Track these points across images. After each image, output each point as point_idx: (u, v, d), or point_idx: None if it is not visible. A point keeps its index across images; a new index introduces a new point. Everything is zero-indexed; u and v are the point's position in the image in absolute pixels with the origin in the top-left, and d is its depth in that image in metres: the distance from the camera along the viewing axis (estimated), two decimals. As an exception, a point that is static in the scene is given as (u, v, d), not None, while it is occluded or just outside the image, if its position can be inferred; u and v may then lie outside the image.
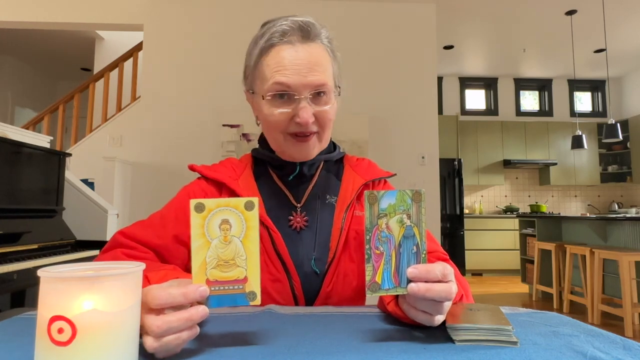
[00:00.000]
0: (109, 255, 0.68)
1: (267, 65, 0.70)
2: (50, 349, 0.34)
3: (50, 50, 6.02)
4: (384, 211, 0.47)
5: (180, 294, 0.42)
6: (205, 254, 0.45)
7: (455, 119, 5.90)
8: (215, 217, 0.45)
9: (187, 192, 0.78)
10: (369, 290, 0.47)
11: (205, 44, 3.90)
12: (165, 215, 0.74)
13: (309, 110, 0.68)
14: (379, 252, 0.47)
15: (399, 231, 0.48)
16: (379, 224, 0.47)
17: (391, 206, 0.48)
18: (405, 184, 3.84)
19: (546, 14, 4.43)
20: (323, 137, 0.74)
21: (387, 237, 0.48)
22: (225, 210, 0.45)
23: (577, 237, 3.93)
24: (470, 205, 6.37)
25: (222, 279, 0.45)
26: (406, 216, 0.48)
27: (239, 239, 0.46)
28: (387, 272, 0.47)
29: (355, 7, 4.00)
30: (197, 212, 0.45)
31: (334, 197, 0.78)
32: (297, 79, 0.67)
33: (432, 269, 0.47)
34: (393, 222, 0.48)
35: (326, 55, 0.72)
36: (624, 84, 6.55)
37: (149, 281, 0.51)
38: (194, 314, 0.42)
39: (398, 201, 0.48)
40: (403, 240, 0.48)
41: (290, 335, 0.49)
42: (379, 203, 0.47)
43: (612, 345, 0.47)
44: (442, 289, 0.46)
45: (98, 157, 3.74)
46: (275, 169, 0.79)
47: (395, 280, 0.47)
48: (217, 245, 0.45)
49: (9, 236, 1.85)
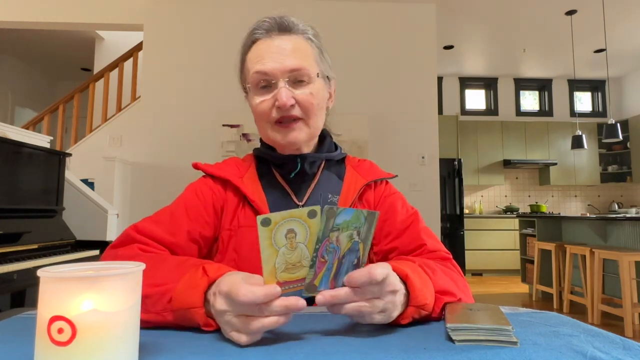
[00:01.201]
0: (125, 251, 0.68)
1: (249, 60, 0.75)
2: (50, 349, 0.34)
3: (50, 50, 6.02)
4: (338, 226, 0.50)
5: (263, 295, 0.45)
6: (274, 260, 0.49)
7: (455, 119, 5.90)
8: (281, 228, 0.48)
9: (194, 189, 0.78)
10: (305, 290, 0.51)
11: (205, 44, 3.90)
12: (175, 212, 0.74)
13: (286, 92, 0.70)
14: (323, 261, 0.50)
15: (345, 244, 0.51)
16: (330, 236, 0.50)
17: (345, 222, 0.50)
18: (406, 184, 3.84)
19: (546, 14, 4.43)
20: (309, 122, 0.74)
21: (334, 249, 0.50)
22: (290, 221, 0.49)
23: (577, 237, 3.93)
24: (470, 205, 6.37)
25: (291, 279, 0.50)
26: (356, 233, 0.51)
27: (304, 244, 0.50)
28: (325, 277, 0.51)
29: (355, 7, 4.00)
30: (263, 226, 0.48)
31: (336, 196, 0.78)
32: (273, 65, 0.70)
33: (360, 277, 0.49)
34: (343, 236, 0.51)
35: (306, 44, 0.74)
36: (624, 84, 6.55)
37: (206, 272, 0.52)
38: (282, 321, 0.46)
39: (353, 219, 0.51)
40: (347, 253, 0.51)
41: (290, 335, 0.49)
42: (336, 218, 0.50)
43: (612, 345, 0.47)
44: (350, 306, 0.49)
45: (98, 157, 3.74)
46: (277, 167, 0.80)
47: (332, 285, 0.51)
48: (285, 252, 0.49)
49: (9, 236, 1.85)
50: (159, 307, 0.52)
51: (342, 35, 3.88)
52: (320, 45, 0.77)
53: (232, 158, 0.84)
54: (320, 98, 0.75)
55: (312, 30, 0.77)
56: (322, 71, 0.76)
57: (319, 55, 0.76)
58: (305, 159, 0.77)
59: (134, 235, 0.70)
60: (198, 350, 0.45)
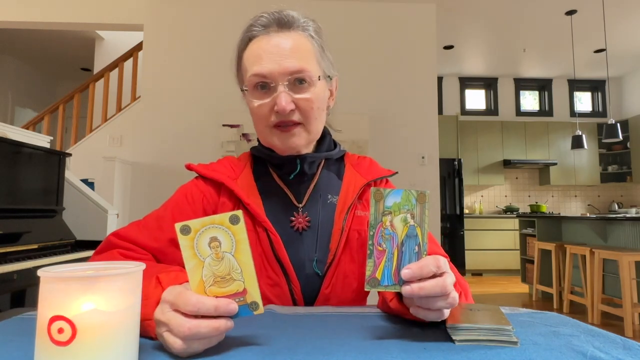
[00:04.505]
0: (105, 257, 0.66)
1: (246, 59, 0.70)
2: (50, 349, 0.34)
3: (50, 50, 6.02)
4: (389, 209, 0.48)
5: (212, 306, 0.42)
6: (200, 273, 0.45)
7: (455, 119, 5.90)
8: (203, 236, 0.45)
9: (184, 192, 0.75)
10: (367, 285, 0.48)
11: (205, 44, 3.90)
12: (161, 217, 0.72)
13: (285, 97, 0.66)
14: (382, 249, 0.47)
15: (402, 230, 0.48)
16: (384, 221, 0.47)
17: (396, 204, 0.48)
18: (406, 184, 3.84)
19: (546, 14, 4.43)
20: (309, 128, 0.71)
21: (391, 235, 0.48)
22: (211, 228, 0.45)
23: (577, 237, 3.93)
24: (470, 205, 6.37)
25: (222, 294, 0.45)
26: (410, 216, 0.48)
27: (230, 254, 0.45)
28: (387, 269, 0.48)
29: (355, 7, 4.00)
30: (183, 234, 0.44)
31: (335, 196, 0.76)
32: (272, 67, 0.66)
33: (426, 265, 0.47)
34: (397, 220, 0.48)
35: (306, 42, 0.70)
36: (624, 84, 6.54)
37: (160, 282, 0.49)
38: (222, 325, 0.43)
39: (403, 200, 0.48)
40: (406, 239, 0.48)
41: (290, 336, 0.49)
42: (385, 201, 0.47)
43: (612, 345, 0.47)
44: (435, 284, 0.46)
45: (98, 157, 3.74)
46: (276, 168, 0.77)
47: (395, 278, 0.48)
48: (211, 263, 0.45)
49: (9, 236, 1.85)
50: None
51: (342, 35, 3.88)
52: (321, 42, 0.73)
53: (227, 157, 0.81)
54: (321, 101, 0.71)
55: (314, 25, 0.73)
56: (323, 71, 0.72)
57: (320, 53, 0.72)
58: (305, 160, 0.74)
59: (114, 241, 0.68)
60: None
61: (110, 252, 0.67)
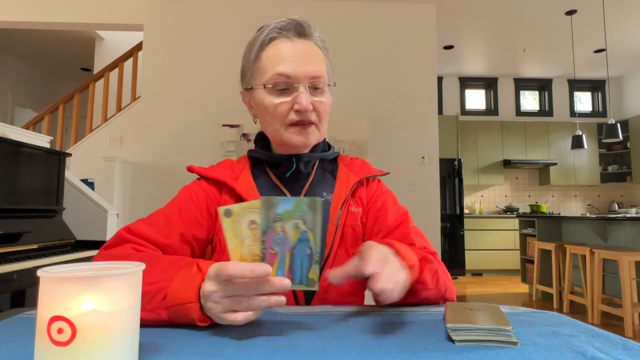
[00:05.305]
0: (118, 251, 0.67)
1: (267, 57, 0.74)
2: (50, 349, 0.34)
3: (50, 50, 6.02)
4: (280, 216, 0.51)
5: (248, 269, 0.47)
6: (241, 251, 0.50)
7: (455, 119, 5.90)
8: (244, 219, 0.50)
9: (188, 192, 0.78)
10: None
11: (205, 44, 3.90)
12: (168, 215, 0.74)
13: (306, 97, 0.72)
14: (274, 252, 0.51)
15: (293, 234, 0.51)
16: (275, 227, 0.51)
17: (287, 212, 0.51)
18: (406, 184, 3.84)
19: (546, 14, 4.43)
20: (320, 128, 0.78)
21: (282, 240, 0.51)
22: (250, 212, 0.50)
23: (577, 237, 3.93)
24: (470, 205, 6.37)
25: None
26: (302, 222, 0.51)
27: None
28: (280, 270, 0.51)
29: (355, 7, 4.00)
30: (226, 217, 0.50)
31: (330, 194, 0.80)
32: (296, 69, 0.72)
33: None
34: (289, 226, 0.51)
35: (320, 53, 0.77)
36: (624, 84, 6.54)
37: (200, 269, 0.53)
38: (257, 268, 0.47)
39: (294, 208, 0.51)
40: (297, 244, 0.51)
41: (290, 335, 0.49)
42: (276, 208, 0.51)
43: (612, 345, 0.47)
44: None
45: (98, 157, 3.74)
46: (272, 168, 0.81)
47: (289, 277, 0.51)
48: (250, 243, 0.50)
49: (9, 236, 1.85)
50: (153, 305, 0.53)
51: (342, 35, 3.88)
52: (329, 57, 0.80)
53: (227, 160, 0.85)
54: (330, 105, 0.79)
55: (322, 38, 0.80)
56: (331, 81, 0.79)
57: (328, 65, 0.79)
58: (301, 159, 0.78)
59: (126, 236, 0.70)
60: (198, 350, 0.45)
61: (124, 247, 0.69)
